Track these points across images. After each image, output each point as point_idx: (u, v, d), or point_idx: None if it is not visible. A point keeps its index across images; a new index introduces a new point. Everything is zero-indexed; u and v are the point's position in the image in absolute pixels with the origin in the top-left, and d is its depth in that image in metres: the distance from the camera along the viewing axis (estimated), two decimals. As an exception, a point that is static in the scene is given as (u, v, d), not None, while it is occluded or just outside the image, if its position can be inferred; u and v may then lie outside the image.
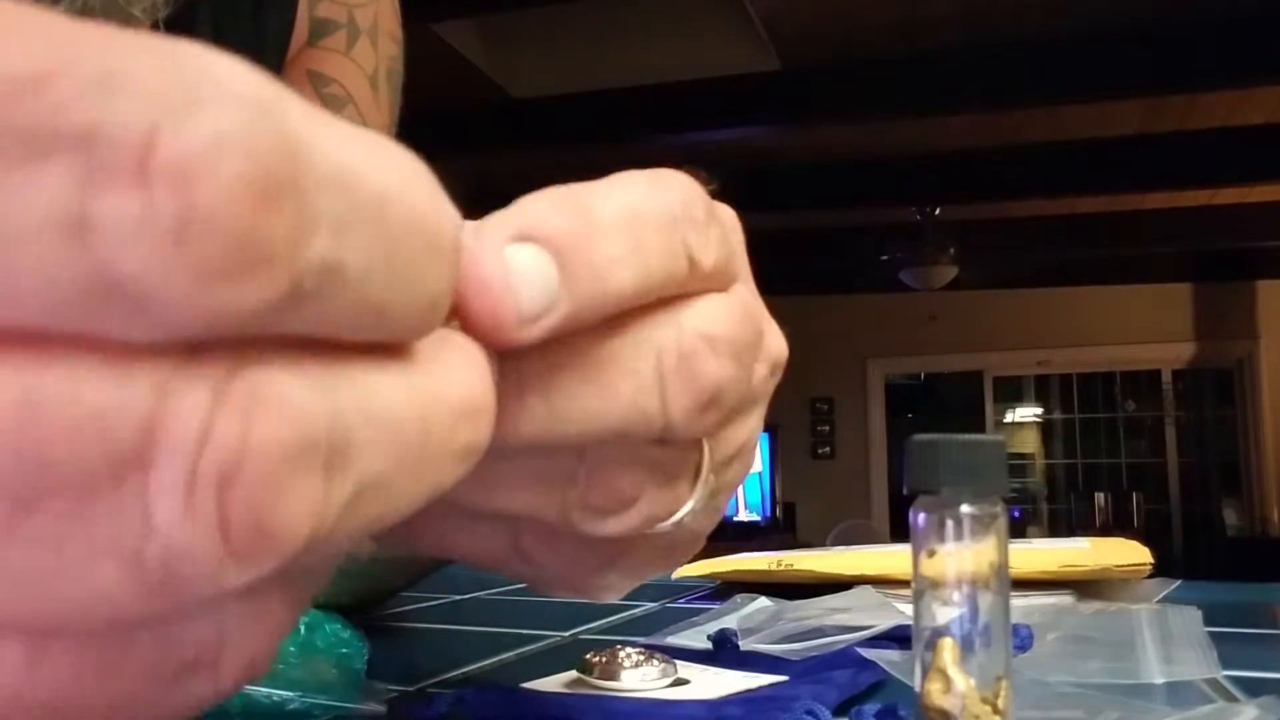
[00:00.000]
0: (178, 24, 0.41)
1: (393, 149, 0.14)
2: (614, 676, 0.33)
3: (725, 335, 0.20)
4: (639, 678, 0.33)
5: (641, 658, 0.34)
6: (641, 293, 0.18)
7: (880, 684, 0.35)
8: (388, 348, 0.14)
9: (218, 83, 0.10)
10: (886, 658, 0.36)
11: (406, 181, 0.13)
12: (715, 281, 0.20)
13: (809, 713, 0.29)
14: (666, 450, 0.20)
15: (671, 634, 0.46)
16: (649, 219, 0.19)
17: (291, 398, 0.11)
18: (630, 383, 0.18)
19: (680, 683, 0.34)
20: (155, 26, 0.35)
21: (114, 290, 0.10)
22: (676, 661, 0.36)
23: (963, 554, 0.22)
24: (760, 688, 0.34)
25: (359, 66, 0.51)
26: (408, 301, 0.13)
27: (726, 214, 0.22)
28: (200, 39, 0.10)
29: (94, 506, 0.11)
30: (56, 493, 0.10)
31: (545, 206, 0.18)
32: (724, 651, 0.41)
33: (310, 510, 0.12)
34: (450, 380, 0.15)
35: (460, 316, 0.16)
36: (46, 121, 0.09)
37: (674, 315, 0.19)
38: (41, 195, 0.09)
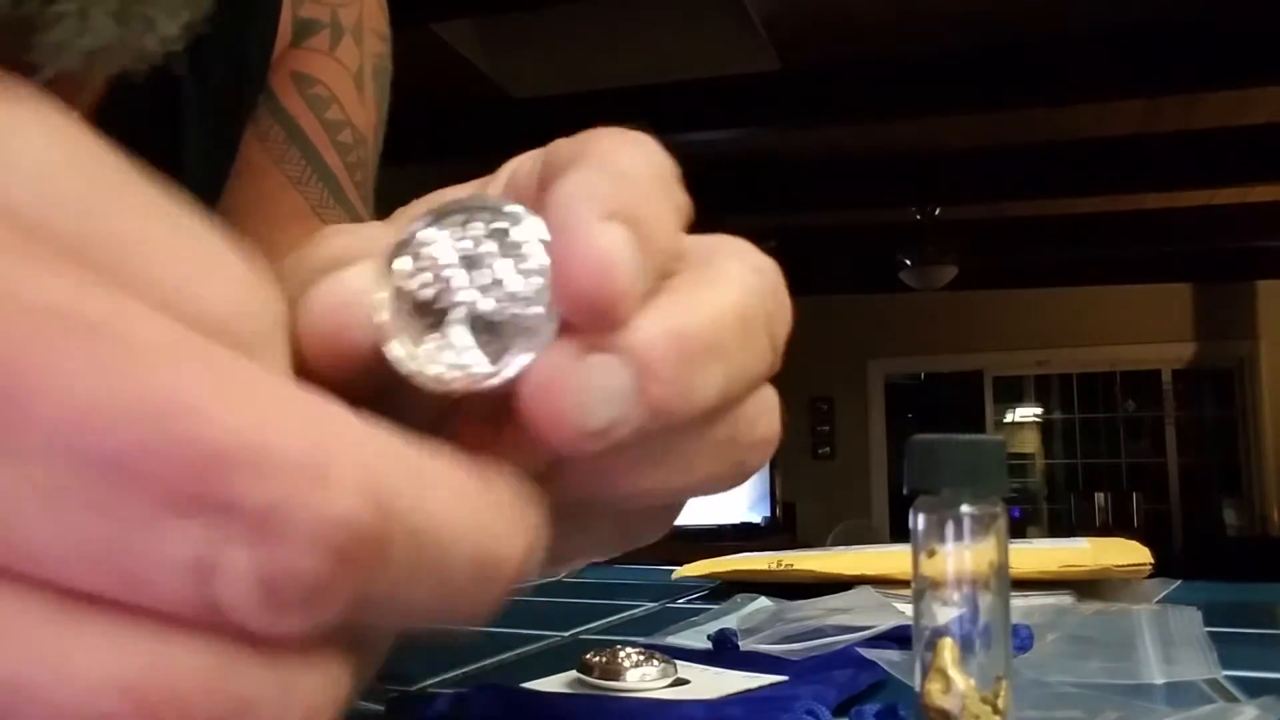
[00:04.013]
0: None
1: (484, 488, 0.15)
2: (614, 676, 0.33)
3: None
4: (639, 677, 0.33)
5: (641, 658, 0.34)
6: (723, 404, 0.19)
7: (880, 684, 0.35)
8: None
9: (349, 458, 0.13)
10: (886, 658, 0.36)
11: (479, 523, 0.15)
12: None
13: (809, 713, 0.29)
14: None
15: (671, 634, 0.46)
16: (747, 324, 0.19)
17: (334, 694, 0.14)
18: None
19: (680, 683, 0.34)
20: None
21: (216, 612, 0.13)
22: (676, 661, 0.36)
23: (963, 554, 0.22)
24: (760, 688, 0.34)
25: (343, 66, 0.52)
26: (452, 612, 0.16)
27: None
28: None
29: None
30: None
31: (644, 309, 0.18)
32: (724, 651, 0.41)
33: None
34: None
35: (521, 413, 0.17)
36: (209, 488, 0.12)
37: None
38: (181, 543, 0.12)
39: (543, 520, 0.16)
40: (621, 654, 0.34)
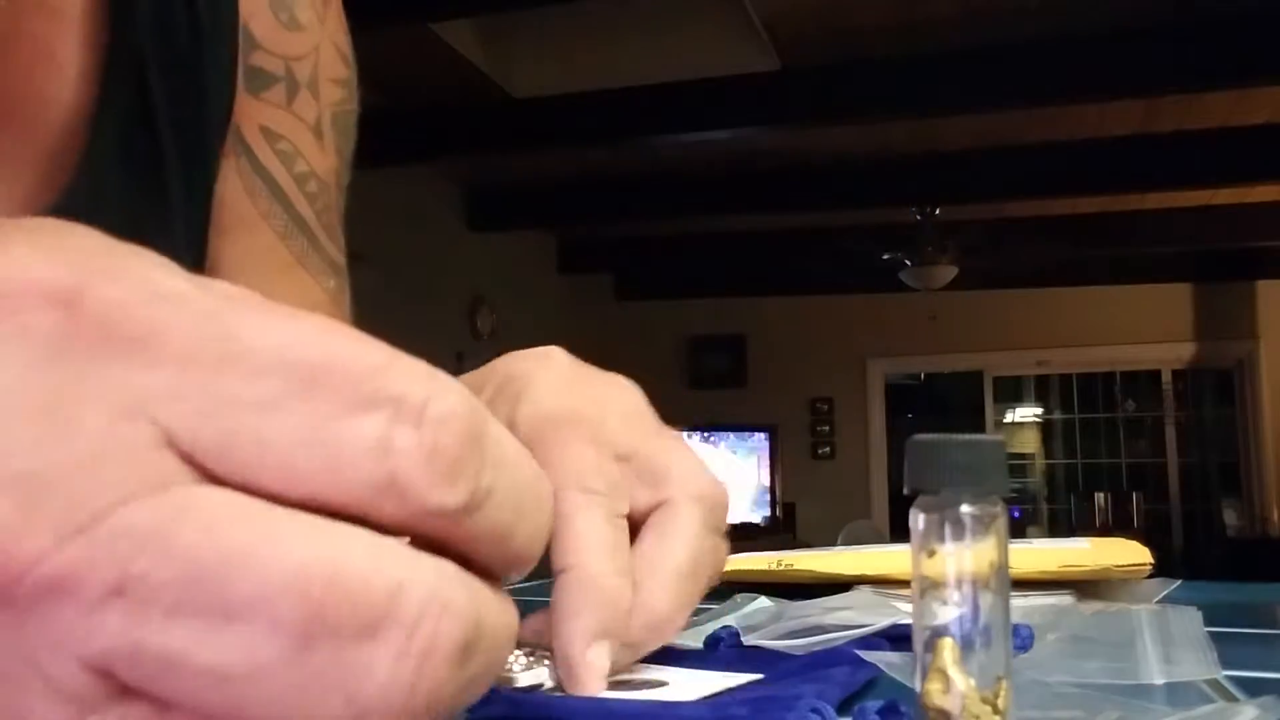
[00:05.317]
0: (121, 54, 0.43)
1: (516, 443, 0.21)
2: (505, 682, 0.33)
3: None
4: (532, 679, 0.33)
5: (532, 659, 0.34)
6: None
7: (875, 680, 0.35)
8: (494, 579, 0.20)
9: (446, 379, 0.19)
10: (885, 659, 0.36)
11: (528, 458, 0.21)
12: None
13: (814, 711, 0.29)
14: None
15: (671, 634, 0.46)
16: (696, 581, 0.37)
17: (464, 604, 0.18)
18: None
19: (656, 685, 0.34)
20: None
21: (391, 486, 0.18)
22: (655, 665, 0.36)
23: (963, 554, 0.22)
24: (751, 684, 0.34)
25: (300, 120, 0.55)
26: (522, 531, 0.20)
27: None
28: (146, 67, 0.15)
29: (339, 654, 0.16)
30: (333, 633, 0.16)
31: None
32: (715, 651, 0.41)
33: (450, 690, 0.18)
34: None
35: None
36: (383, 389, 0.18)
37: None
38: (372, 427, 0.18)
39: None
40: (509, 656, 0.33)
